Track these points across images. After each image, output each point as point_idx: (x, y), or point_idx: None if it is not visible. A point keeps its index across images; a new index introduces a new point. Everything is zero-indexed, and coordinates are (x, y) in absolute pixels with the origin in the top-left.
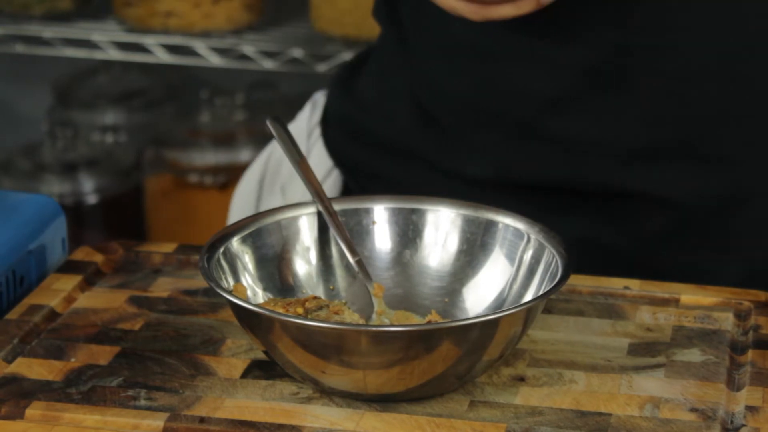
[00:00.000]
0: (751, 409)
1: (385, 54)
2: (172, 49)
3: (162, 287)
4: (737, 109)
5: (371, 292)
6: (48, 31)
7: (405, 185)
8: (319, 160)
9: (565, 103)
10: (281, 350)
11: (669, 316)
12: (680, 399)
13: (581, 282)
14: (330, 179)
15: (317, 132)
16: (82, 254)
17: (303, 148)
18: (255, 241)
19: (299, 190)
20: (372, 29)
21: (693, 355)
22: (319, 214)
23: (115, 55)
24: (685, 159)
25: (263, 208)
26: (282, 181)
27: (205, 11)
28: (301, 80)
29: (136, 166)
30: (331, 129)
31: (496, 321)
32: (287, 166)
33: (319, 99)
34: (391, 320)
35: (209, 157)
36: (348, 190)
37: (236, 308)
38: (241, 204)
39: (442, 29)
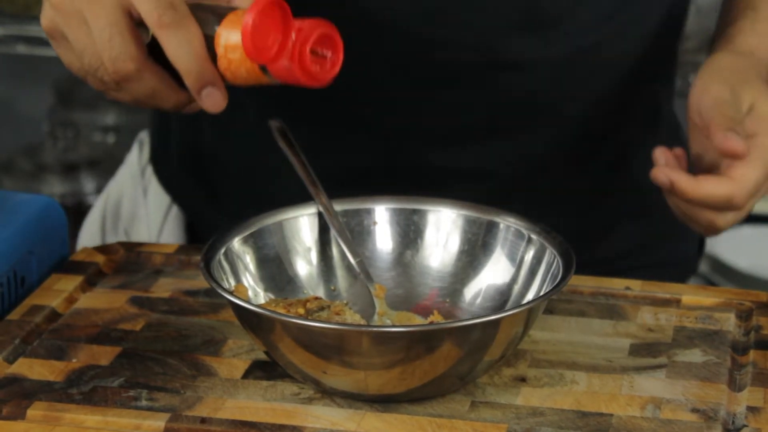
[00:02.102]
0: (752, 409)
1: None
2: None
3: (163, 288)
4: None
5: (372, 292)
6: None
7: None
8: (157, 197)
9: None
10: (282, 351)
11: (670, 317)
12: (681, 399)
13: (582, 283)
14: (171, 214)
15: (149, 170)
16: (83, 255)
17: (139, 187)
18: (256, 242)
19: (144, 230)
20: None
21: (694, 355)
22: (320, 214)
23: None
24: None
25: None
26: (124, 225)
27: None
28: None
29: None
30: (161, 165)
31: (497, 322)
32: (126, 208)
33: (144, 138)
34: (392, 321)
35: None
36: (191, 225)
37: (237, 309)
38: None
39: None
